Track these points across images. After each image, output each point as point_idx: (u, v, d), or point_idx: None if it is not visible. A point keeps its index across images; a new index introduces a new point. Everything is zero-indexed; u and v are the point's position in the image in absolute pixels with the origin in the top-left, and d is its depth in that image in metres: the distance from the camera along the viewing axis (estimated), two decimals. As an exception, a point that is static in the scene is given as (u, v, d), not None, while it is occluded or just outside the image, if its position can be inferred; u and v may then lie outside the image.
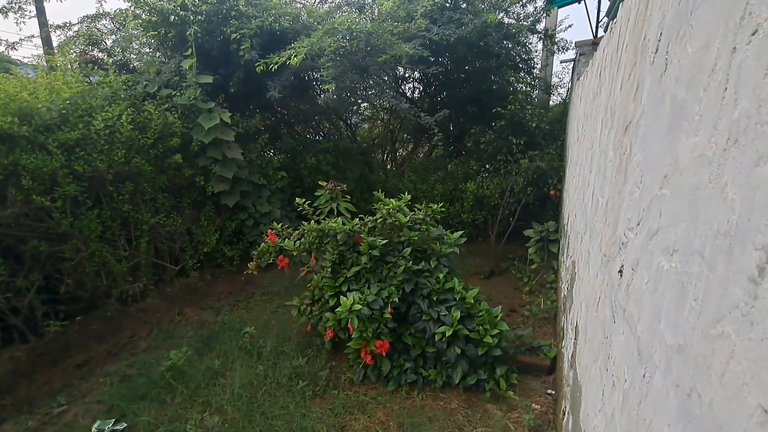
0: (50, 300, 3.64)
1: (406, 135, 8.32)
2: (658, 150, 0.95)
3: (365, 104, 7.93)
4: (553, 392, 2.82)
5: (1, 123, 3.18)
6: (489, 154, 5.84)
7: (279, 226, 3.42)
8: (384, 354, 2.88)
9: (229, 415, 2.71)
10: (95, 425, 2.64)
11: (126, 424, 2.67)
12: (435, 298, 2.99)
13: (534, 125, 5.55)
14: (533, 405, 2.72)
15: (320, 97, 6.42)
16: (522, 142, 5.53)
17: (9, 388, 3.02)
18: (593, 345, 1.52)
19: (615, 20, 1.91)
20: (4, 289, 3.26)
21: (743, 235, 0.52)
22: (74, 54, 5.39)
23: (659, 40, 1.04)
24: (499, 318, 2.95)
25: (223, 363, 3.25)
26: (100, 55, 5.53)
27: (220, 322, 3.93)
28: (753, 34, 0.54)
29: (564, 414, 2.21)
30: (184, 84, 4.74)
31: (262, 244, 3.30)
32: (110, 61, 5.17)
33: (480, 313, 2.92)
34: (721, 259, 0.57)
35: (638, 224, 1.06)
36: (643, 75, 1.20)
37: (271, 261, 3.34)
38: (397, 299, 2.96)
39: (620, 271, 1.19)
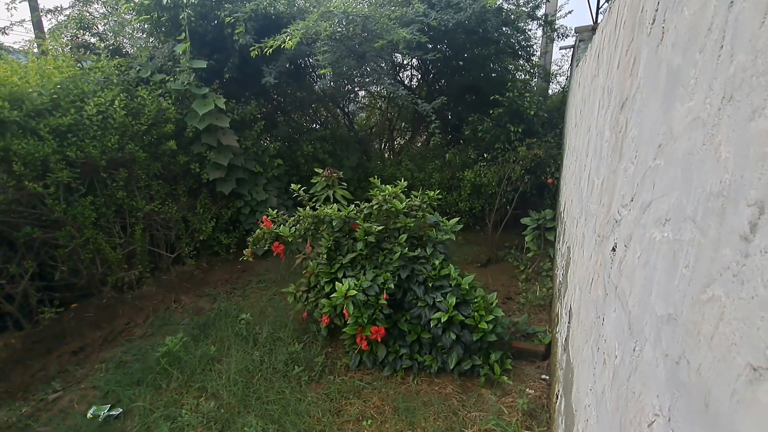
0: (45, 287, 3.63)
1: (403, 124, 8.25)
2: (653, 121, 0.93)
3: (362, 92, 7.85)
4: (547, 377, 2.83)
5: (-10, 107, 3.13)
6: (487, 142, 5.79)
7: (274, 212, 3.40)
8: (379, 340, 2.88)
9: (225, 400, 2.71)
10: (91, 411, 2.65)
11: (121, 410, 2.67)
12: (430, 285, 2.99)
13: (532, 113, 5.50)
14: (527, 390, 2.73)
15: (317, 83, 6.34)
16: (520, 130, 5.49)
17: (3, 375, 3.01)
18: (585, 326, 1.51)
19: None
20: (-2, 276, 3.25)
21: (736, 193, 0.50)
22: (65, 38, 5.29)
23: (656, 10, 1.02)
24: (494, 304, 2.95)
25: (219, 349, 3.25)
26: (92, 39, 5.44)
27: (217, 309, 3.92)
28: (751, -16, 0.52)
29: (557, 397, 2.22)
30: (177, 69, 4.66)
31: (258, 230, 3.28)
32: (102, 45, 5.08)
33: (475, 300, 2.92)
34: (713, 222, 0.55)
35: (632, 200, 1.04)
36: (640, 48, 1.17)
37: (266, 248, 3.32)
38: (392, 285, 2.95)
39: (613, 249, 1.17)
